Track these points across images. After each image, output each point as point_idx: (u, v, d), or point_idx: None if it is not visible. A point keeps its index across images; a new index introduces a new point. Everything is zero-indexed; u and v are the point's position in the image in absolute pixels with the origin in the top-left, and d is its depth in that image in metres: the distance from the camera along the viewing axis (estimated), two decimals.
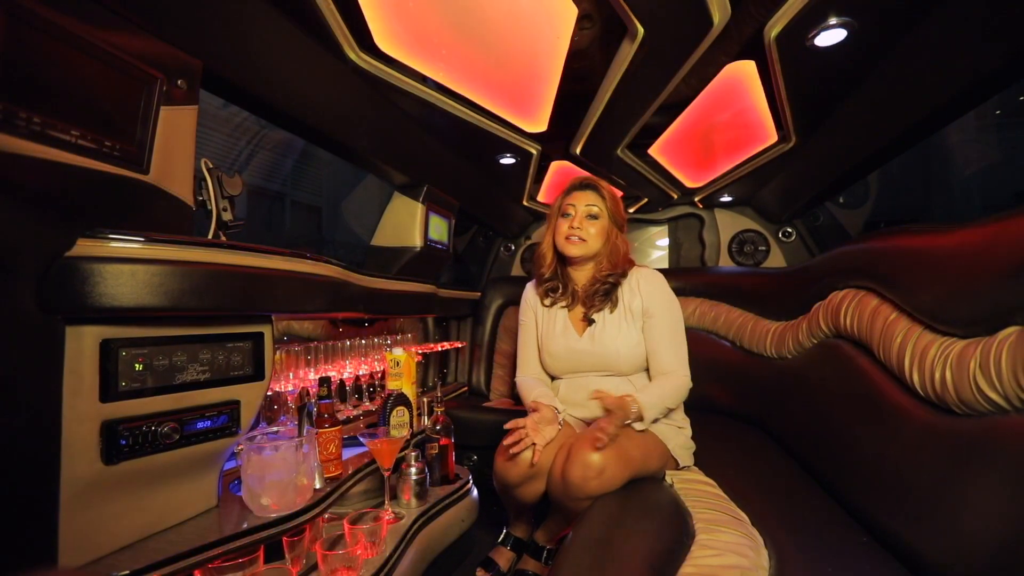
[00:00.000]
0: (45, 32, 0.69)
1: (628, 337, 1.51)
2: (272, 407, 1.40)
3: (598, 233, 1.54)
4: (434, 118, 1.60)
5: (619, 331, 1.52)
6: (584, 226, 1.53)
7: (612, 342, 1.51)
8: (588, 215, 1.55)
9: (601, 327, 1.54)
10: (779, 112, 1.58)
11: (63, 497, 0.77)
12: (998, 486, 0.80)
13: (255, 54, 1.12)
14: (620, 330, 1.52)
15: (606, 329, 1.53)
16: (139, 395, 0.86)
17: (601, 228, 1.54)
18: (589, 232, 1.53)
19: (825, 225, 2.57)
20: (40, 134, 0.69)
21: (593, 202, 1.55)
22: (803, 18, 1.08)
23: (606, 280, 1.55)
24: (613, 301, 1.55)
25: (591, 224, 1.54)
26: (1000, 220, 0.92)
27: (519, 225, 3.03)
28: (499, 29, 1.19)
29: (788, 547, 1.03)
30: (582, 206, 1.55)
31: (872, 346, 1.25)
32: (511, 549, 1.59)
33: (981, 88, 1.24)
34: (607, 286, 1.55)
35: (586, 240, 1.53)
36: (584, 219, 1.54)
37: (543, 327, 1.66)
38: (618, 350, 1.51)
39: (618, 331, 1.52)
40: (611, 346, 1.51)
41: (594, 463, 1.23)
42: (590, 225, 1.54)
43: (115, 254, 0.78)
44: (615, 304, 1.55)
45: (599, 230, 1.54)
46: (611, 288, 1.55)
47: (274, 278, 1.02)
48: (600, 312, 1.55)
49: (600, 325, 1.54)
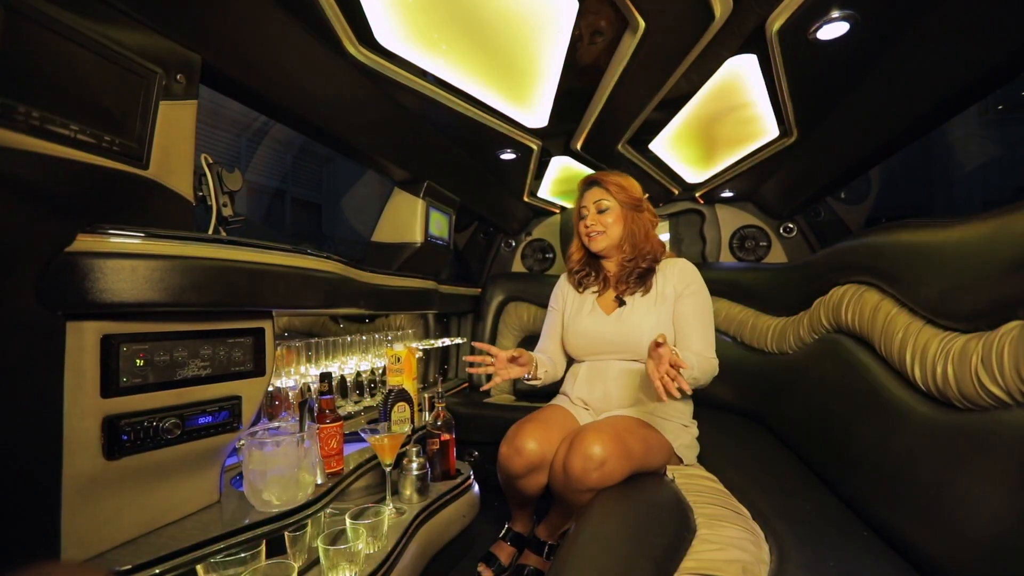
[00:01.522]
0: (44, 27, 0.69)
1: (656, 320, 1.51)
2: (273, 403, 1.40)
3: (615, 222, 1.59)
4: (434, 113, 1.60)
5: (647, 313, 1.52)
6: (598, 220, 1.59)
7: (639, 324, 1.51)
8: (599, 210, 1.60)
9: (630, 308, 1.55)
10: (780, 107, 1.57)
11: (65, 492, 0.77)
12: (999, 480, 0.80)
13: (254, 49, 1.12)
14: (648, 313, 1.52)
15: (634, 310, 1.54)
16: (140, 391, 0.86)
17: (616, 217, 1.59)
18: (606, 223, 1.58)
19: (826, 221, 2.56)
20: (39, 129, 0.68)
21: (600, 197, 1.60)
22: (805, 11, 1.07)
23: (637, 264, 1.58)
24: (647, 286, 1.56)
25: (604, 216, 1.59)
26: (1001, 215, 0.91)
27: (520, 221, 3.03)
28: (500, 24, 1.19)
29: (789, 541, 1.03)
30: (592, 204, 1.61)
31: (873, 341, 1.25)
32: (512, 544, 1.60)
33: (983, 83, 1.23)
34: (640, 270, 1.57)
35: (604, 231, 1.59)
36: (597, 215, 1.60)
37: (571, 310, 1.69)
38: (642, 331, 1.49)
39: (646, 313, 1.53)
40: (636, 327, 1.51)
41: (595, 455, 1.23)
42: (604, 217, 1.59)
43: (115, 249, 0.78)
44: (648, 289, 1.56)
45: (614, 219, 1.59)
46: (645, 272, 1.57)
47: (275, 274, 1.02)
48: (632, 295, 1.57)
49: (629, 307, 1.56)
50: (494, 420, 2.14)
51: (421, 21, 1.17)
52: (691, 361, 1.32)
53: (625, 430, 1.33)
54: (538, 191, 2.60)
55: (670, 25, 1.11)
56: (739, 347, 2.15)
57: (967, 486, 0.85)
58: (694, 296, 1.53)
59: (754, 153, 2.01)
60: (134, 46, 0.83)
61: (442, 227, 2.23)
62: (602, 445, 1.24)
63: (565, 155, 2.04)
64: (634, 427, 1.37)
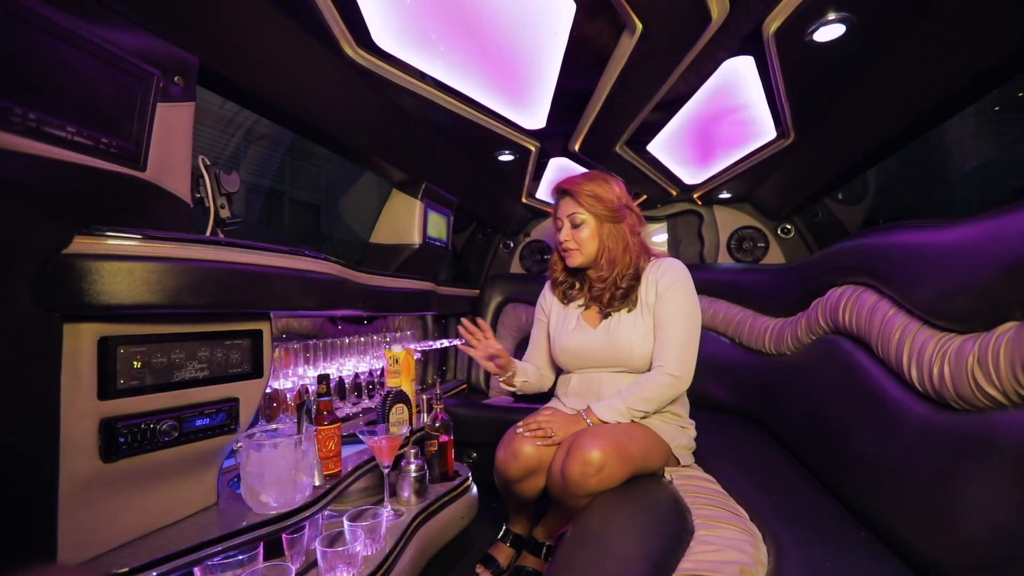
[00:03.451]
0: (40, 28, 0.69)
1: (644, 330, 1.48)
2: (271, 405, 1.40)
3: (589, 238, 1.51)
4: (432, 114, 1.60)
5: (635, 325, 1.49)
6: (572, 236, 1.53)
7: (627, 336, 1.48)
8: (573, 224, 1.53)
9: (616, 321, 1.52)
10: (778, 108, 1.57)
11: (62, 494, 0.77)
12: (996, 481, 0.80)
13: (252, 51, 1.12)
14: (636, 324, 1.49)
15: (621, 322, 1.51)
16: (138, 392, 0.86)
17: (590, 232, 1.51)
18: (580, 239, 1.52)
19: (824, 221, 2.57)
20: (36, 131, 0.68)
21: (573, 210, 1.52)
22: (802, 13, 1.07)
23: (617, 283, 1.51)
24: (632, 301, 1.51)
25: (578, 232, 1.52)
26: (998, 215, 0.92)
27: (518, 222, 3.03)
28: (497, 25, 1.19)
29: (787, 542, 1.03)
30: (565, 217, 1.54)
31: (870, 342, 1.25)
32: (511, 545, 1.59)
33: (980, 84, 1.23)
34: (620, 290, 1.51)
35: (579, 248, 1.52)
36: (571, 230, 1.53)
37: (557, 324, 1.65)
38: (631, 344, 1.47)
39: (633, 325, 1.49)
40: (625, 339, 1.48)
41: (594, 460, 1.23)
42: (578, 233, 1.52)
43: (112, 251, 0.78)
44: (634, 304, 1.51)
45: (589, 235, 1.51)
46: (627, 292, 1.51)
47: (272, 275, 1.02)
48: (618, 311, 1.53)
49: (616, 319, 1.52)
50: (492, 422, 2.14)
51: (419, 23, 1.17)
52: (609, 404, 1.41)
53: (623, 434, 1.33)
54: (536, 192, 2.60)
55: (667, 26, 1.11)
56: (737, 348, 2.15)
57: (964, 486, 0.86)
58: (668, 300, 1.46)
59: (752, 154, 2.02)
60: (131, 47, 0.83)
61: (440, 228, 2.23)
62: (600, 450, 1.24)
63: (563, 156, 2.04)
64: (632, 431, 1.37)
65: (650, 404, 1.41)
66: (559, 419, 1.43)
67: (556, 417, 1.43)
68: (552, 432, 1.39)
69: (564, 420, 1.43)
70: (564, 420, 1.43)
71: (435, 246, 2.17)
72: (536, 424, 1.42)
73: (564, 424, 1.41)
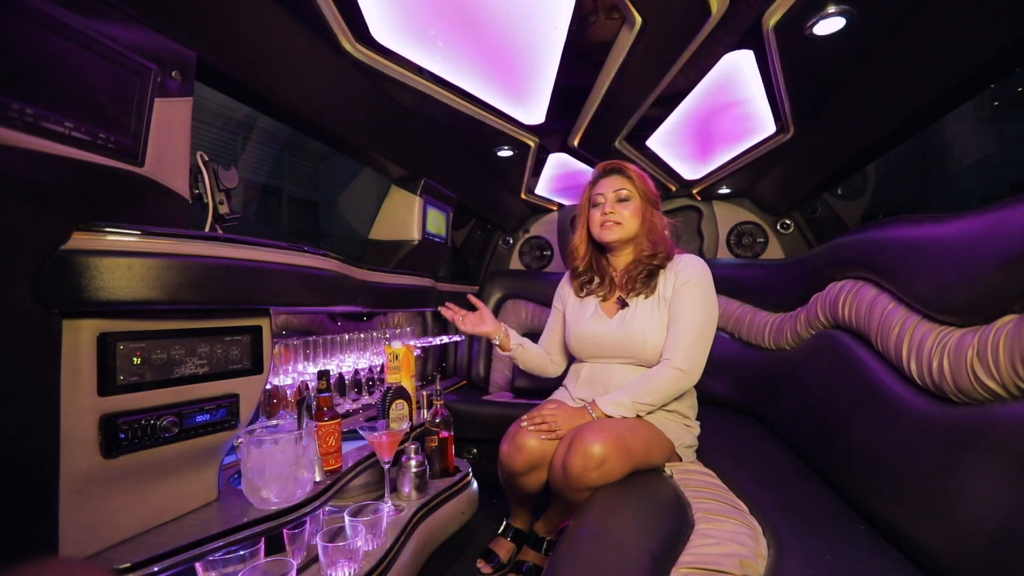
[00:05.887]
0: (38, 23, 0.69)
1: (660, 323, 1.47)
2: (271, 401, 1.40)
3: (632, 214, 1.52)
4: (431, 110, 1.59)
5: (650, 317, 1.48)
6: (617, 210, 1.52)
7: (641, 327, 1.47)
8: (619, 199, 1.53)
9: (632, 311, 1.51)
10: (777, 103, 1.57)
11: (63, 491, 0.77)
12: (995, 474, 0.80)
13: (250, 46, 1.11)
14: (651, 316, 1.48)
15: (637, 313, 1.50)
16: (138, 389, 0.86)
17: (635, 209, 1.52)
18: (623, 215, 1.51)
19: (823, 216, 2.57)
20: (33, 126, 0.68)
21: (621, 185, 1.53)
22: (802, 7, 1.07)
23: (649, 262, 1.51)
24: (652, 287, 1.51)
25: (623, 207, 1.52)
26: (997, 209, 0.92)
27: (517, 218, 3.03)
28: (496, 20, 1.18)
29: (786, 536, 1.03)
30: (611, 192, 1.53)
31: (870, 336, 1.25)
32: (511, 540, 1.60)
33: (979, 79, 1.23)
34: (650, 267, 1.51)
35: (622, 223, 1.51)
36: (615, 204, 1.53)
37: (572, 314, 1.65)
38: (645, 336, 1.46)
39: (649, 316, 1.48)
40: (639, 331, 1.47)
41: (595, 454, 1.23)
42: (623, 208, 1.52)
43: (111, 247, 0.77)
44: (653, 290, 1.51)
45: (633, 211, 1.52)
46: (654, 270, 1.51)
47: (272, 271, 1.02)
48: (636, 297, 1.52)
49: (632, 309, 1.51)
50: (492, 417, 2.15)
51: (417, 18, 1.17)
52: (614, 399, 1.41)
53: (626, 429, 1.32)
54: (535, 188, 2.60)
55: (667, 20, 1.11)
56: (737, 343, 2.16)
57: (963, 479, 0.86)
58: (689, 293, 1.45)
59: (751, 149, 2.01)
60: (129, 42, 0.82)
61: (439, 224, 2.23)
62: (602, 444, 1.24)
63: (562, 152, 2.03)
64: (635, 426, 1.36)
65: (655, 397, 1.40)
66: (563, 413, 1.42)
67: (560, 411, 1.43)
68: (556, 426, 1.39)
69: (568, 413, 1.42)
70: (568, 413, 1.42)
71: (434, 242, 2.17)
72: (540, 418, 1.42)
73: (568, 418, 1.41)
